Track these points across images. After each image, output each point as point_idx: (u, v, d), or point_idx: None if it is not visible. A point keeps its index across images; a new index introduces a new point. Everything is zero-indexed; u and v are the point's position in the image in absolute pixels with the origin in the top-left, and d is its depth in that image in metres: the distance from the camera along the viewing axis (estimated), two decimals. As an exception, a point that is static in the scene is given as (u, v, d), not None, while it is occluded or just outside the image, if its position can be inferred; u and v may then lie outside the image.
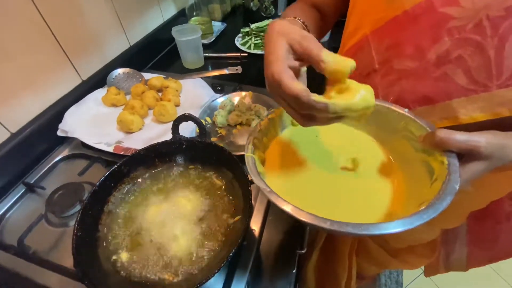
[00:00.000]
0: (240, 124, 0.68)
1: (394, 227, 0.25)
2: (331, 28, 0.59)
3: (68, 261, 0.47)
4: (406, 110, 0.37)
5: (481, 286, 1.24)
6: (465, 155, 0.30)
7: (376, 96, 0.42)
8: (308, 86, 0.31)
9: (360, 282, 0.90)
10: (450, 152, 0.30)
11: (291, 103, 0.30)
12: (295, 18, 0.44)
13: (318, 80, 0.40)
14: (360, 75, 0.43)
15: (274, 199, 0.29)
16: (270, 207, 0.55)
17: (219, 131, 0.66)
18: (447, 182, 0.28)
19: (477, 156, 0.29)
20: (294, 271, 0.48)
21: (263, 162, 0.38)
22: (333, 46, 0.99)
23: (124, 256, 0.40)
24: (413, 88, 0.38)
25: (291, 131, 0.43)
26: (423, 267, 1.31)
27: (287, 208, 0.28)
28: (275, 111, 0.41)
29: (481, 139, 0.29)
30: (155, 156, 0.50)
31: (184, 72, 0.90)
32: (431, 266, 0.69)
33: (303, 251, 0.58)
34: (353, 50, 0.45)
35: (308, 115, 0.30)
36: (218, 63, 0.96)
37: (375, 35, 0.40)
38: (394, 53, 0.39)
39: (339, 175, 0.37)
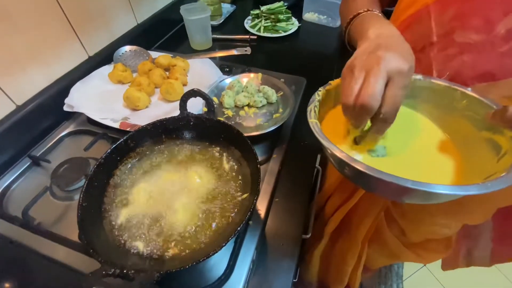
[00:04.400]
0: (248, 105, 0.66)
1: (468, 190, 0.25)
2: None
3: (73, 234, 0.47)
4: (469, 89, 0.35)
5: (482, 280, 1.24)
6: None
7: (430, 71, 0.41)
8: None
9: (364, 275, 0.89)
10: None
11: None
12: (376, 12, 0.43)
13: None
14: (414, 50, 0.41)
15: (343, 157, 0.30)
16: (277, 189, 0.54)
17: (225, 112, 0.65)
18: None
19: None
20: (297, 255, 0.47)
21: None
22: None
23: (129, 229, 0.40)
24: (475, 63, 0.36)
25: None
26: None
27: (359, 166, 0.28)
28: (332, 83, 0.41)
29: None
30: (162, 132, 0.49)
31: (192, 53, 0.88)
32: (450, 260, 0.68)
33: (308, 236, 0.58)
34: (408, 22, 0.43)
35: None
36: (226, 45, 0.94)
37: (439, 5, 0.38)
38: (458, 25, 0.37)
39: (398, 150, 0.37)
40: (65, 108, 0.63)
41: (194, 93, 0.47)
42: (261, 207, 0.50)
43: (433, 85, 0.39)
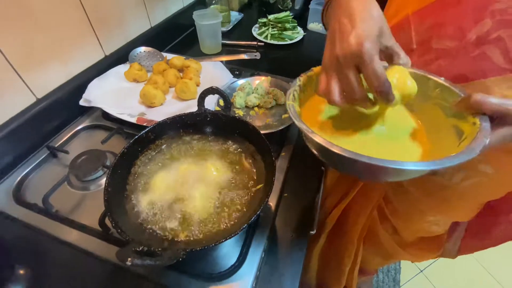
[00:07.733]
0: (258, 106, 0.69)
1: (422, 166, 0.27)
2: None
3: (90, 221, 0.49)
4: (442, 78, 0.38)
5: (476, 285, 1.26)
6: (497, 119, 0.30)
7: None
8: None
9: (360, 277, 0.91)
10: (482, 115, 0.30)
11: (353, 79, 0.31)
12: None
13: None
14: None
15: (313, 136, 0.31)
16: (286, 185, 0.57)
17: (236, 112, 0.68)
18: (476, 137, 0.28)
19: (509, 120, 0.29)
20: (305, 247, 0.50)
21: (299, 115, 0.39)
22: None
23: (149, 214, 0.42)
24: (450, 66, 0.40)
25: None
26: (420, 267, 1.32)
27: (333, 147, 0.30)
28: (314, 69, 0.42)
29: None
30: (181, 126, 0.52)
31: (202, 56, 0.91)
32: None
33: (313, 232, 0.60)
34: (392, 32, 0.46)
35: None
36: (234, 51, 0.98)
37: (417, 16, 0.42)
38: (434, 33, 0.40)
39: (372, 135, 0.39)
40: (81, 103, 0.65)
41: (212, 90, 0.50)
42: (271, 200, 0.53)
43: (411, 74, 0.39)
